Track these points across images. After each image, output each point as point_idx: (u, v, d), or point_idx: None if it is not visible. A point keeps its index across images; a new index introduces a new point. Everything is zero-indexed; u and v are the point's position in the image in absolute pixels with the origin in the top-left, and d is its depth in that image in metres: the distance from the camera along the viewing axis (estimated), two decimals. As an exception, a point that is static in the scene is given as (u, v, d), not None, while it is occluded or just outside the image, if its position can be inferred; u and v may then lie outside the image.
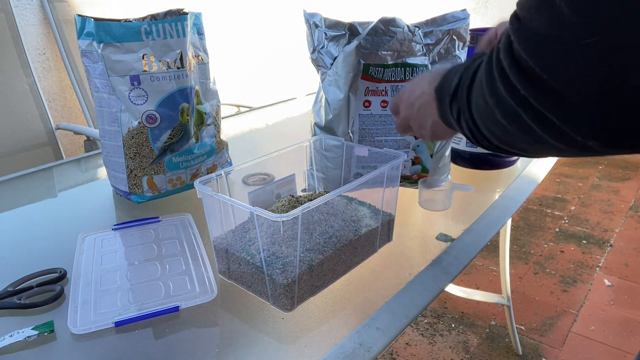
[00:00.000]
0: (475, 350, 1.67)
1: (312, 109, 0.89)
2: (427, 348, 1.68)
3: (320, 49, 0.83)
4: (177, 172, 0.90)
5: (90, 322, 0.58)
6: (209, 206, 0.65)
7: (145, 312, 0.59)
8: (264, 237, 0.59)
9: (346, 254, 0.66)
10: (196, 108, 0.90)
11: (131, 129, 0.83)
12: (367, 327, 0.58)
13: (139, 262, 0.70)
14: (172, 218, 0.82)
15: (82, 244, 0.75)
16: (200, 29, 0.91)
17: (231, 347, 0.55)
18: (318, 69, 0.86)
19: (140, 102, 0.83)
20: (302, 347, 0.55)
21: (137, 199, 0.88)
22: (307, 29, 0.84)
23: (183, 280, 0.65)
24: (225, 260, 0.65)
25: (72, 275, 0.67)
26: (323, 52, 0.83)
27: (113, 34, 0.78)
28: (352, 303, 0.63)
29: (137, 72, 0.81)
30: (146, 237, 0.77)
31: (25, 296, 0.63)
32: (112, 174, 0.90)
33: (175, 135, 0.86)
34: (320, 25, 0.82)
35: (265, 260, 0.59)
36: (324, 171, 0.83)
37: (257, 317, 0.60)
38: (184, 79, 0.86)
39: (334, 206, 0.68)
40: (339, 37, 0.82)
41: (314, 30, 0.83)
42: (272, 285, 0.59)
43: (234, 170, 0.69)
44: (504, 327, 1.76)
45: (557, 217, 2.54)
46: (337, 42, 0.82)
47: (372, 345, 0.55)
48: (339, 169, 0.82)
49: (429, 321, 1.81)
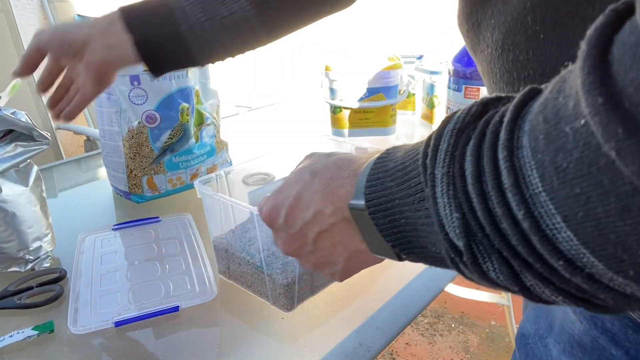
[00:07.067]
0: (475, 350, 1.67)
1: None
2: (427, 348, 1.68)
3: None
4: (177, 172, 0.90)
5: (90, 322, 0.58)
6: (209, 206, 0.65)
7: (145, 312, 0.59)
8: (264, 236, 0.59)
9: (346, 254, 0.66)
10: (196, 108, 0.90)
11: (131, 129, 0.83)
12: (367, 326, 0.58)
13: (139, 262, 0.70)
14: (172, 218, 0.82)
15: (82, 244, 0.75)
16: (200, 29, 0.91)
17: (231, 347, 0.55)
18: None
19: (140, 102, 0.83)
20: (302, 347, 0.55)
21: (137, 199, 0.88)
22: None
23: (183, 280, 0.66)
24: (225, 260, 0.65)
25: (72, 276, 0.67)
26: None
27: (113, 34, 0.78)
28: (352, 303, 0.63)
29: (137, 72, 0.81)
30: (146, 237, 0.77)
31: (25, 296, 0.63)
32: (112, 174, 0.90)
33: (175, 135, 0.87)
34: None
35: (265, 260, 0.59)
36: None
37: (257, 317, 0.60)
38: (184, 79, 0.86)
39: (334, 206, 0.68)
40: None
41: None
42: (272, 285, 0.59)
43: (234, 170, 0.69)
44: (504, 327, 1.76)
45: (557, 217, 2.54)
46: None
47: (372, 345, 0.55)
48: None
49: (429, 321, 1.81)
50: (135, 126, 0.83)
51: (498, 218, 0.23)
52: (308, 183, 0.37)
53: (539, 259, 0.22)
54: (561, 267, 0.21)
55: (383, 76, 1.13)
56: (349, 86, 1.14)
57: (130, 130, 0.84)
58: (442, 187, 0.25)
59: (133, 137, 0.84)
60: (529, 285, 0.24)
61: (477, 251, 0.25)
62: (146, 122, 0.84)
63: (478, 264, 0.25)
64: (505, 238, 0.23)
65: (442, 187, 0.25)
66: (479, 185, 0.23)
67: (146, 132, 0.84)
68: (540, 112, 0.21)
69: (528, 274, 0.23)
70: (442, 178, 0.25)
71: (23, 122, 0.65)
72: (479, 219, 0.24)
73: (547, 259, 0.22)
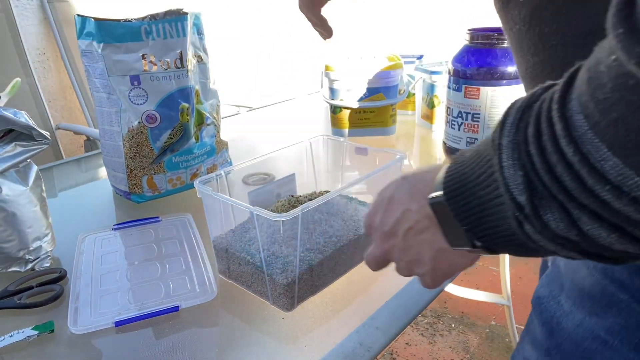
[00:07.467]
0: (475, 350, 1.67)
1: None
2: (427, 348, 1.68)
3: None
4: (177, 172, 0.90)
5: (90, 322, 0.58)
6: (209, 206, 0.65)
7: (145, 312, 0.59)
8: (264, 236, 0.59)
9: (346, 254, 0.66)
10: (196, 108, 0.90)
11: (131, 128, 0.83)
12: (367, 326, 0.58)
13: (139, 262, 0.70)
14: (172, 218, 0.82)
15: (82, 244, 0.75)
16: (200, 28, 0.91)
17: (231, 347, 0.55)
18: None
19: (140, 102, 0.83)
20: (302, 347, 0.55)
21: (137, 199, 0.88)
22: None
23: (183, 280, 0.66)
24: (225, 260, 0.65)
25: (72, 275, 0.67)
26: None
27: (113, 34, 0.78)
28: (352, 303, 0.63)
29: (137, 72, 0.81)
30: (146, 237, 0.77)
31: (25, 296, 0.63)
32: (112, 174, 0.90)
33: (175, 135, 0.87)
34: None
35: (265, 260, 0.59)
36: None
37: (257, 317, 0.60)
38: (184, 79, 0.86)
39: (334, 206, 0.68)
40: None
41: None
42: (272, 285, 0.59)
43: (234, 170, 0.69)
44: (504, 327, 1.76)
45: (557, 217, 2.54)
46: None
47: (372, 345, 0.55)
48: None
49: (429, 321, 1.81)
50: (135, 126, 0.83)
51: (553, 164, 0.26)
52: (400, 186, 0.42)
53: (590, 194, 0.25)
54: (609, 194, 0.24)
55: (383, 76, 1.13)
56: (349, 86, 1.15)
57: (130, 130, 0.84)
58: (507, 153, 0.29)
59: (133, 137, 0.84)
60: (586, 230, 0.26)
61: (538, 205, 0.28)
62: (146, 122, 0.84)
63: (540, 217, 0.28)
64: (561, 183, 0.26)
65: (508, 153, 0.29)
66: (538, 142, 0.27)
67: (146, 132, 0.84)
68: (585, 70, 0.25)
69: (583, 215, 0.26)
70: (507, 145, 0.29)
71: (23, 122, 0.65)
72: (538, 172, 0.27)
73: (597, 193, 0.25)
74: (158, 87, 0.83)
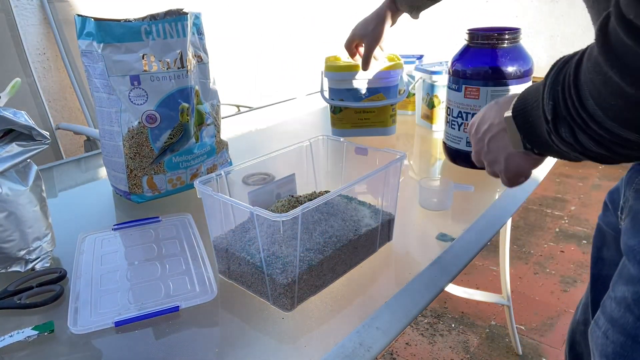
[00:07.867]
0: (475, 350, 1.67)
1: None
2: (427, 348, 1.68)
3: None
4: (177, 172, 0.90)
5: (90, 322, 0.58)
6: (209, 206, 0.65)
7: (145, 312, 0.59)
8: (264, 237, 0.59)
9: (346, 254, 0.66)
10: (196, 108, 0.90)
11: (131, 129, 0.83)
12: (367, 327, 0.58)
13: (139, 262, 0.70)
14: (172, 218, 0.82)
15: (82, 244, 0.75)
16: (200, 28, 0.91)
17: (231, 347, 0.55)
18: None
19: (140, 102, 0.83)
20: (302, 347, 0.55)
21: (137, 199, 0.88)
22: None
23: (183, 280, 0.66)
24: (225, 260, 0.65)
25: (72, 275, 0.67)
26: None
27: (113, 34, 0.78)
28: (352, 303, 0.63)
29: (137, 72, 0.81)
30: (146, 237, 0.77)
31: (25, 296, 0.63)
32: (112, 174, 0.90)
33: (175, 135, 0.87)
34: None
35: (265, 260, 0.59)
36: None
37: (257, 317, 0.60)
38: (184, 79, 0.86)
39: (334, 206, 0.68)
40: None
41: None
42: (272, 285, 0.59)
43: (234, 170, 0.69)
44: (504, 327, 1.76)
45: (557, 217, 2.53)
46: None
47: (372, 345, 0.55)
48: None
49: (429, 321, 1.81)
50: (135, 126, 0.83)
51: (566, 101, 0.44)
52: (492, 106, 0.60)
53: (582, 120, 0.43)
54: (588, 119, 0.42)
55: (383, 76, 1.13)
56: (349, 86, 1.15)
57: (130, 130, 0.84)
58: (547, 90, 0.47)
59: (133, 137, 0.84)
60: (581, 140, 0.45)
61: (558, 123, 0.46)
62: (146, 122, 0.84)
63: (558, 131, 0.47)
64: (569, 113, 0.44)
65: (548, 90, 0.47)
66: (562, 87, 0.45)
67: (146, 132, 0.84)
68: (587, 54, 0.42)
69: (578, 130, 0.44)
70: (548, 84, 0.47)
71: (23, 122, 0.65)
72: (559, 104, 0.45)
73: (584, 118, 0.43)
74: (158, 87, 0.83)
